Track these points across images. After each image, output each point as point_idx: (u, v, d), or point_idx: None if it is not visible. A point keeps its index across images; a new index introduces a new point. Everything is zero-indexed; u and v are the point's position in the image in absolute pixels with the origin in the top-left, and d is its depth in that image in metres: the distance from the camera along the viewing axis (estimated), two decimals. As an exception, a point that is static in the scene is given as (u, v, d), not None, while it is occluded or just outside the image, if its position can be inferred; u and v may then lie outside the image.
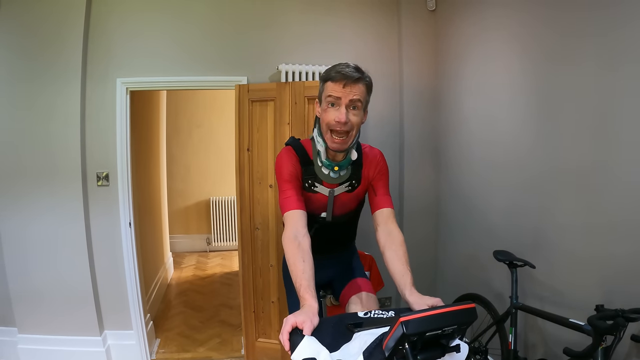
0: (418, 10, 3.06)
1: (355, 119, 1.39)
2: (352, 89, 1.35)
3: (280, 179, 1.49)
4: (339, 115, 1.36)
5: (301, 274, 1.24)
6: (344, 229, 1.70)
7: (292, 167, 1.48)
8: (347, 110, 1.37)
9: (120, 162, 2.75)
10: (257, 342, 2.82)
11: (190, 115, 5.64)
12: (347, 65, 1.37)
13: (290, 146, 1.53)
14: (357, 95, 1.36)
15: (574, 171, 1.89)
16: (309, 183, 1.52)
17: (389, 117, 3.10)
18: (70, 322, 2.72)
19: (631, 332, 1.54)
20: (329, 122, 1.39)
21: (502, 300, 2.34)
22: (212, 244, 5.71)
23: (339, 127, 1.37)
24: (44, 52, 2.59)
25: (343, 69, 1.35)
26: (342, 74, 1.34)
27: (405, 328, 0.86)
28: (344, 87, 1.34)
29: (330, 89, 1.37)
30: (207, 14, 2.84)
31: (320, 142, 1.45)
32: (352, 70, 1.35)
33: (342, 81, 1.34)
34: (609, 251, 1.72)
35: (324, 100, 1.40)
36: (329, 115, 1.38)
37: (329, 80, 1.37)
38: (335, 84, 1.35)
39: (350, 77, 1.34)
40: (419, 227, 3.15)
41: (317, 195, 1.54)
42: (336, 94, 1.36)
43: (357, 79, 1.35)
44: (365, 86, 1.38)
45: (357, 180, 1.54)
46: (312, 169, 1.51)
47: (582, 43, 1.80)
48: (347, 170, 1.51)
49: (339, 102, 1.36)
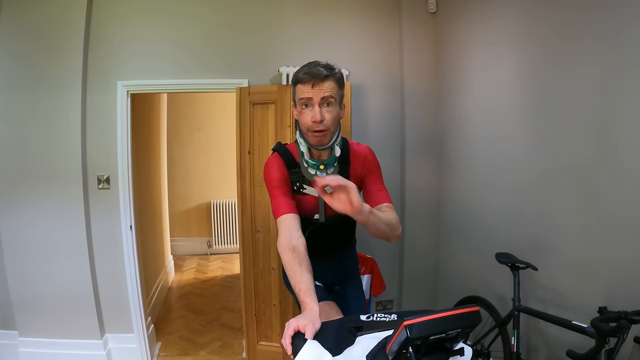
0: (419, 12, 3.06)
1: (330, 116, 1.39)
2: (322, 87, 1.35)
3: (269, 185, 1.50)
4: (313, 115, 1.36)
5: (299, 278, 1.24)
6: (339, 229, 1.69)
7: (279, 173, 1.49)
8: (321, 108, 1.37)
9: (121, 165, 2.75)
10: (258, 345, 2.81)
11: (191, 118, 5.65)
12: (316, 64, 1.37)
13: (277, 152, 1.54)
14: (328, 91, 1.36)
15: (576, 172, 1.88)
16: (298, 185, 1.52)
17: (389, 118, 3.10)
18: (71, 325, 2.71)
19: (634, 334, 1.53)
20: (306, 124, 1.40)
21: (505, 302, 2.33)
22: (213, 247, 5.70)
23: (316, 127, 1.38)
24: (45, 56, 2.59)
25: (310, 69, 1.36)
26: (309, 75, 1.35)
27: (409, 332, 0.86)
28: (312, 87, 1.35)
29: (300, 91, 1.38)
30: (207, 17, 2.85)
31: (302, 142, 1.46)
32: (318, 69, 1.35)
33: (310, 81, 1.35)
34: (612, 253, 1.71)
35: (298, 103, 1.41)
36: (305, 116, 1.39)
37: (299, 83, 1.38)
38: (305, 85, 1.36)
39: (317, 76, 1.34)
40: (421, 228, 3.14)
41: (308, 197, 1.54)
42: (307, 95, 1.36)
43: (325, 76, 1.35)
44: (335, 81, 1.39)
45: (345, 178, 1.54)
46: (299, 171, 1.51)
47: (582, 44, 1.80)
48: (334, 169, 1.50)
49: (311, 102, 1.37)
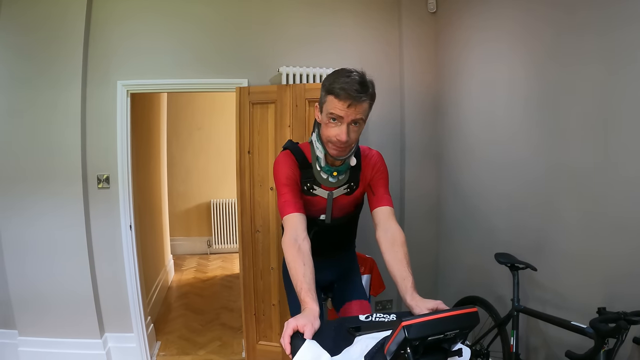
0: (419, 12, 3.06)
1: (355, 135, 1.36)
2: (356, 109, 1.29)
3: (278, 182, 1.48)
4: (339, 134, 1.32)
5: (302, 277, 1.23)
6: (343, 231, 1.70)
7: (289, 171, 1.47)
8: (349, 126, 1.32)
9: (120, 164, 2.75)
10: (257, 345, 2.81)
11: (191, 117, 5.65)
12: (352, 79, 1.27)
13: (289, 150, 1.53)
14: (360, 115, 1.32)
15: (575, 173, 1.88)
16: (308, 186, 1.51)
17: (389, 119, 3.10)
18: (70, 324, 2.72)
19: (633, 335, 1.53)
20: (329, 138, 1.36)
21: (504, 303, 2.33)
22: (213, 247, 5.70)
23: (339, 145, 1.35)
24: (45, 54, 2.59)
25: (348, 87, 1.26)
26: (347, 93, 1.26)
27: (407, 332, 0.86)
28: (348, 107, 1.28)
29: (332, 105, 1.30)
30: (207, 16, 2.84)
31: (319, 148, 1.44)
32: (357, 89, 1.26)
33: (346, 101, 1.27)
34: (611, 253, 1.71)
35: (325, 114, 1.34)
36: (330, 131, 1.35)
37: (333, 95, 1.29)
38: (340, 101, 1.28)
39: (355, 98, 1.27)
40: (420, 229, 3.14)
41: (316, 198, 1.54)
42: (339, 113, 1.29)
43: (362, 99, 1.29)
44: (369, 103, 1.33)
45: (356, 183, 1.54)
46: (311, 172, 1.50)
47: (583, 44, 1.80)
48: (346, 175, 1.51)
49: (341, 120, 1.32)
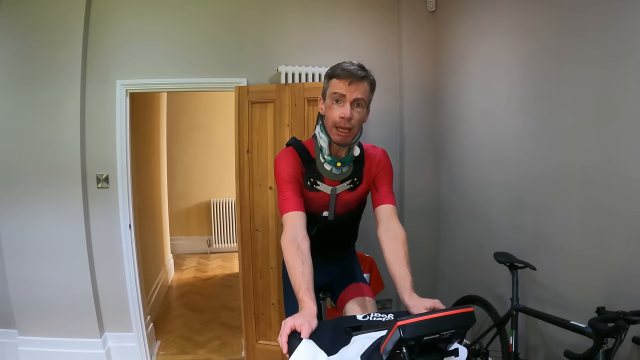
0: (418, 11, 3.05)
1: (358, 116, 1.40)
2: (357, 87, 1.36)
3: (279, 179, 1.48)
4: (343, 111, 1.36)
5: (300, 276, 1.23)
6: (345, 228, 1.70)
7: (291, 168, 1.47)
8: (352, 107, 1.37)
9: (120, 164, 2.75)
10: (257, 344, 2.82)
11: (191, 116, 5.65)
12: (352, 64, 1.38)
13: (292, 146, 1.53)
14: (361, 94, 1.37)
15: (575, 171, 1.87)
16: (311, 182, 1.51)
17: (389, 116, 3.09)
18: (70, 324, 2.72)
19: (632, 335, 1.52)
20: (334, 119, 1.39)
21: (503, 302, 2.33)
22: (213, 246, 5.70)
23: (343, 124, 1.38)
24: (44, 54, 2.59)
25: (349, 67, 1.36)
26: (347, 72, 1.35)
27: (402, 332, 0.86)
28: (349, 85, 1.35)
29: (335, 86, 1.37)
30: (206, 16, 2.84)
31: (323, 137, 1.46)
32: (357, 69, 1.36)
33: (347, 79, 1.35)
34: (610, 253, 1.71)
35: (329, 97, 1.40)
36: (334, 111, 1.39)
37: (335, 78, 1.38)
38: (341, 81, 1.36)
39: (355, 76, 1.35)
40: (420, 227, 3.14)
41: (319, 194, 1.54)
42: (341, 91, 1.36)
43: (362, 77, 1.36)
44: (369, 85, 1.40)
45: (359, 179, 1.54)
46: (315, 167, 1.50)
47: (582, 41, 1.79)
48: (349, 168, 1.51)
49: (343, 99, 1.37)
